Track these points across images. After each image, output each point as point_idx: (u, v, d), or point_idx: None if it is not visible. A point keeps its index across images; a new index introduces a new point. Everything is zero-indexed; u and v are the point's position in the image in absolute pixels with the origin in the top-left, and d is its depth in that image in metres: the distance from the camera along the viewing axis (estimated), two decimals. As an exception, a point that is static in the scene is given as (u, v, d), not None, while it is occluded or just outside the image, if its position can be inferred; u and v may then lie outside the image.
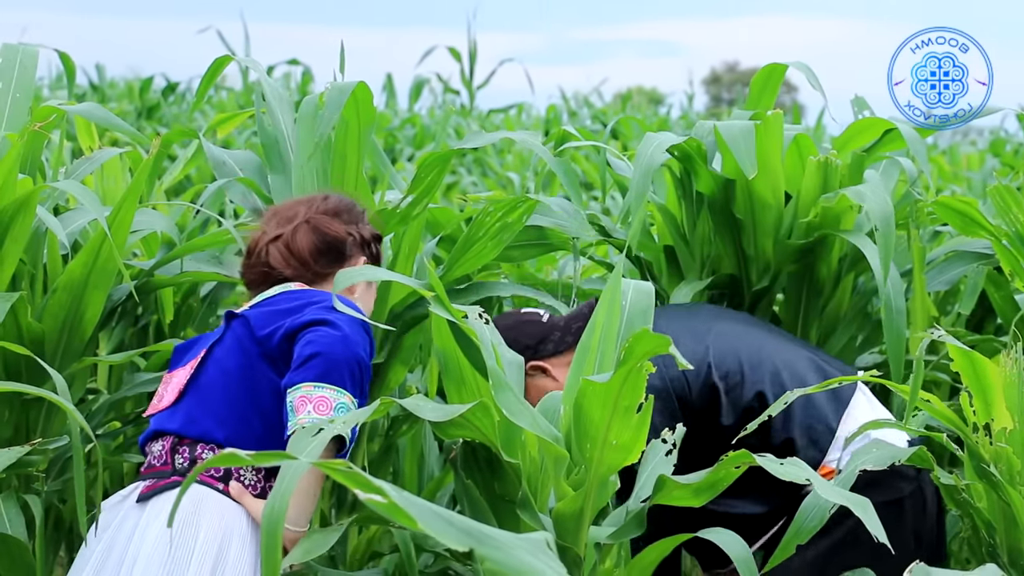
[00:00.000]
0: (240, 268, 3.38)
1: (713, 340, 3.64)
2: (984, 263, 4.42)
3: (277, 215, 3.38)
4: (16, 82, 3.66)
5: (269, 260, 3.29)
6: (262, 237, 3.32)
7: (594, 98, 20.09)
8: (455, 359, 3.01)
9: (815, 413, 3.54)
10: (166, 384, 3.12)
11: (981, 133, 18.84)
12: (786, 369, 3.57)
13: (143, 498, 2.94)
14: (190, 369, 3.07)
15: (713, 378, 3.56)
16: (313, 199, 3.40)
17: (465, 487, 2.96)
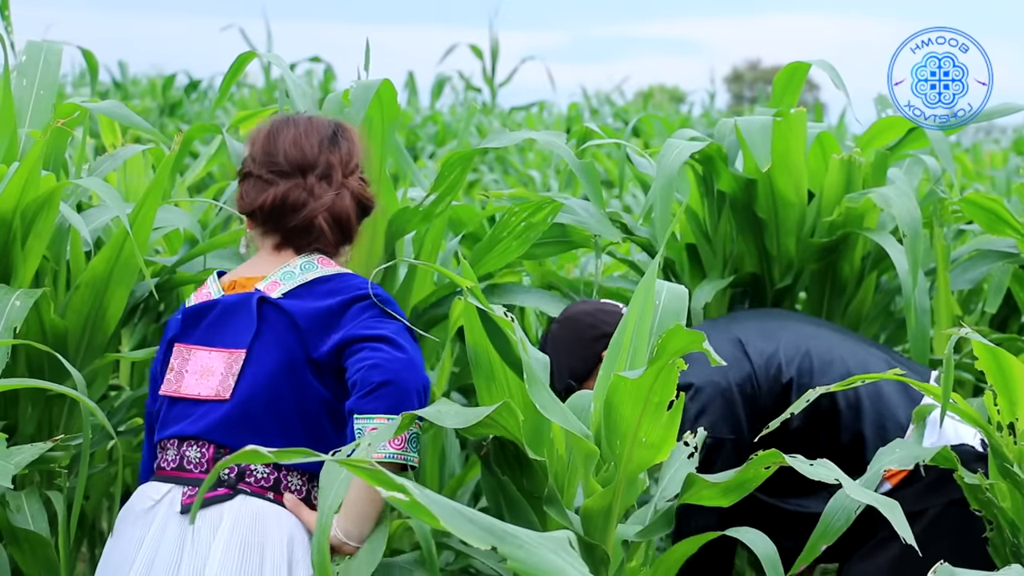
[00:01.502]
0: (259, 206, 3.01)
1: (784, 340, 3.65)
2: (1009, 261, 4.39)
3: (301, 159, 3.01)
4: (40, 79, 3.67)
5: (318, 229, 3.01)
6: (308, 195, 2.98)
7: (616, 96, 20.10)
8: (486, 354, 3.00)
9: (886, 411, 3.53)
10: (185, 360, 2.96)
11: (1004, 131, 18.79)
12: (858, 369, 3.55)
13: (185, 508, 2.85)
14: (227, 360, 2.92)
15: (784, 378, 3.55)
16: (323, 138, 3.04)
17: (500, 483, 2.96)
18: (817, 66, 4.25)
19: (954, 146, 9.84)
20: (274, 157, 3.00)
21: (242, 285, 3.00)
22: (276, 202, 2.97)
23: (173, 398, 2.95)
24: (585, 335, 3.67)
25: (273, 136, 3.02)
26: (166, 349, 3.04)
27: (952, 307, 4.43)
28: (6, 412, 3.42)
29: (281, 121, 3.07)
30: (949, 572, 2.27)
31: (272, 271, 2.99)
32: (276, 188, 2.97)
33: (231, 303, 2.98)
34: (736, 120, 4.06)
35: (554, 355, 3.71)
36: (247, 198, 3.03)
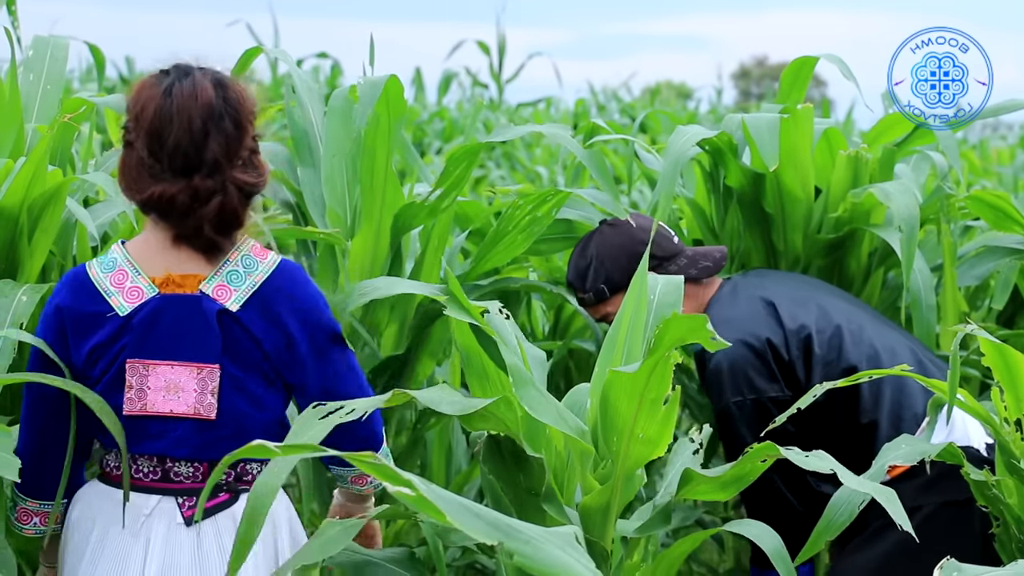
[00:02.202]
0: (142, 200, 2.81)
1: (816, 309, 3.66)
2: (1016, 258, 4.39)
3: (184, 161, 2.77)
4: (46, 74, 3.67)
5: (206, 238, 2.82)
6: (191, 200, 2.77)
7: (622, 92, 20.08)
8: (477, 355, 3.00)
9: (905, 400, 3.53)
10: (143, 376, 2.81)
11: (1011, 127, 18.77)
12: (885, 353, 3.57)
13: (188, 519, 2.81)
14: (197, 376, 2.81)
15: (813, 345, 3.56)
16: (206, 123, 2.78)
17: (490, 482, 2.95)
18: (825, 59, 4.25)
19: (961, 142, 9.83)
20: (157, 150, 2.78)
21: (178, 283, 2.84)
22: (163, 202, 2.78)
23: (138, 416, 2.83)
24: (636, 249, 3.65)
25: (156, 126, 2.78)
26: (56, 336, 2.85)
27: (959, 303, 4.43)
28: (13, 407, 3.41)
29: (164, 103, 2.79)
30: (955, 568, 2.27)
31: (210, 267, 2.85)
32: (161, 186, 2.77)
33: (177, 307, 2.83)
34: (743, 117, 4.05)
35: (596, 255, 3.73)
36: (134, 182, 2.82)
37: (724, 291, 3.79)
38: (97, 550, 2.84)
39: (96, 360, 2.83)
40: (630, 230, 3.76)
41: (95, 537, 2.85)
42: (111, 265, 2.86)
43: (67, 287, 2.87)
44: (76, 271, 2.89)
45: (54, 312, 2.86)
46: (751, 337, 3.56)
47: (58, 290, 2.89)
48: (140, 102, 2.83)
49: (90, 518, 2.87)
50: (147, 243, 2.87)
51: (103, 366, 2.83)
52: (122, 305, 2.82)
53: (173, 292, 2.83)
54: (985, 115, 4.18)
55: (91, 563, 2.83)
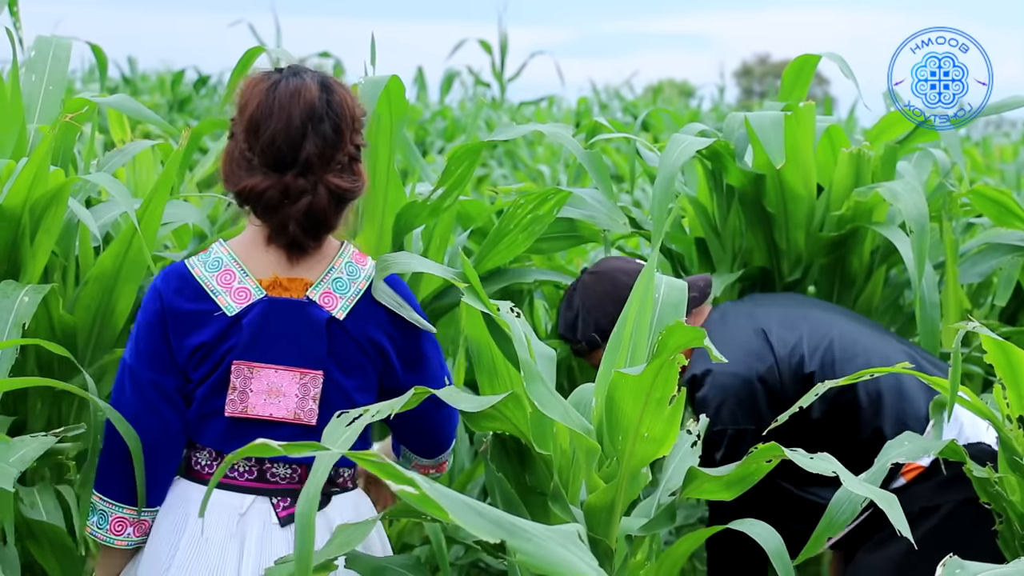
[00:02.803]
0: (237, 191, 2.84)
1: (807, 329, 3.65)
2: (1019, 255, 4.39)
3: (278, 156, 2.79)
4: (49, 74, 3.67)
5: (291, 234, 2.83)
6: (282, 197, 2.79)
7: (625, 91, 20.10)
8: (488, 350, 3.00)
9: (907, 407, 3.53)
10: (247, 378, 2.82)
11: (1014, 125, 18.76)
12: (880, 361, 3.56)
13: (283, 520, 2.83)
14: (300, 381, 2.83)
15: (806, 369, 3.56)
16: (305, 124, 2.81)
17: (496, 480, 2.96)
18: (827, 58, 4.25)
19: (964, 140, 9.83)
20: (255, 143, 2.81)
21: (285, 287, 2.86)
22: (253, 195, 2.80)
23: (238, 419, 2.84)
24: (620, 294, 3.65)
25: (257, 119, 2.81)
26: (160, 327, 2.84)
27: (961, 300, 4.42)
28: (16, 408, 3.42)
29: (267, 99, 2.82)
30: (958, 565, 2.27)
31: (315, 272, 2.87)
32: (253, 179, 2.80)
33: (284, 311, 2.85)
34: (746, 115, 4.05)
35: (582, 305, 3.75)
36: (232, 173, 2.86)
37: (712, 319, 3.78)
38: (192, 548, 2.82)
39: (201, 360, 2.83)
40: (613, 276, 3.76)
41: (189, 535, 2.83)
42: (217, 264, 2.87)
43: (168, 284, 2.86)
44: (176, 269, 2.88)
45: (157, 307, 2.85)
46: (741, 368, 3.57)
47: (155, 286, 2.88)
48: (246, 96, 2.86)
49: (182, 516, 2.86)
50: (252, 244, 2.89)
51: (208, 367, 2.84)
52: (229, 305, 2.83)
53: (280, 295, 2.85)
54: (987, 112, 4.18)
55: (186, 560, 2.81)
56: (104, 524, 2.89)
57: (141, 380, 2.85)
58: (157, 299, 2.85)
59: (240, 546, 2.80)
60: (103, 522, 2.89)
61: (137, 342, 2.87)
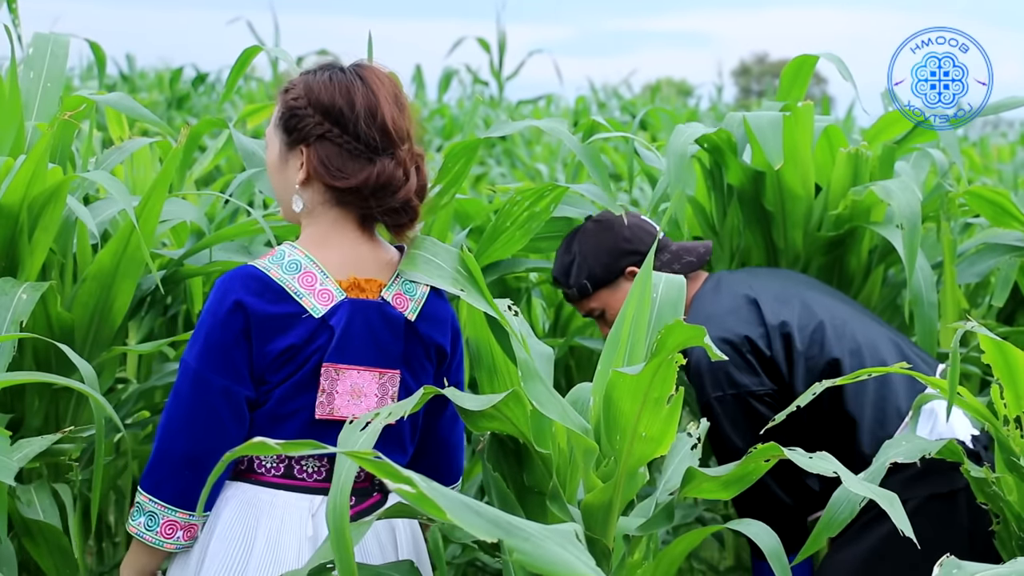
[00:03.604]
0: (360, 182, 2.81)
1: (799, 305, 3.67)
2: (1016, 255, 4.39)
3: (393, 130, 2.82)
4: (47, 71, 3.67)
5: (413, 209, 2.87)
6: (403, 172, 2.82)
7: (623, 89, 20.08)
8: (488, 349, 3.00)
9: (888, 395, 3.54)
10: (334, 380, 2.81)
11: (1012, 125, 18.76)
12: (867, 347, 3.58)
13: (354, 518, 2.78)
14: (379, 381, 2.84)
15: (794, 341, 3.57)
16: (397, 101, 2.86)
17: (493, 479, 2.96)
18: (825, 58, 4.25)
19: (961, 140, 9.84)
20: (363, 129, 2.79)
21: (362, 288, 2.85)
22: (382, 181, 2.79)
23: (326, 420, 2.82)
24: (618, 246, 3.71)
25: (358, 101, 2.81)
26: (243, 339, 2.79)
27: (959, 300, 4.43)
28: (13, 405, 3.42)
29: (352, 81, 2.83)
30: (955, 565, 2.27)
31: (387, 274, 2.88)
32: (374, 166, 2.79)
33: (364, 312, 2.84)
34: (745, 115, 4.05)
35: (579, 251, 3.76)
36: (332, 170, 2.81)
37: (707, 287, 3.81)
38: (268, 552, 2.79)
39: (285, 362, 2.80)
40: (613, 226, 3.79)
41: (263, 538, 2.80)
42: (294, 267, 2.83)
43: (245, 287, 2.80)
44: (249, 272, 2.81)
45: (234, 310, 2.78)
46: (730, 333, 3.58)
47: (228, 292, 2.79)
48: (322, 93, 2.83)
49: (252, 520, 2.82)
50: (325, 244, 2.87)
51: (291, 369, 2.80)
52: (315, 307, 2.80)
53: (358, 296, 2.84)
54: (986, 112, 4.19)
55: (263, 564, 2.78)
56: (154, 526, 2.81)
57: (209, 386, 2.78)
58: (236, 303, 2.78)
59: (314, 547, 2.79)
60: (152, 524, 2.81)
61: (208, 347, 2.78)
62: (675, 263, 3.76)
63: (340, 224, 2.87)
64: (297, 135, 2.84)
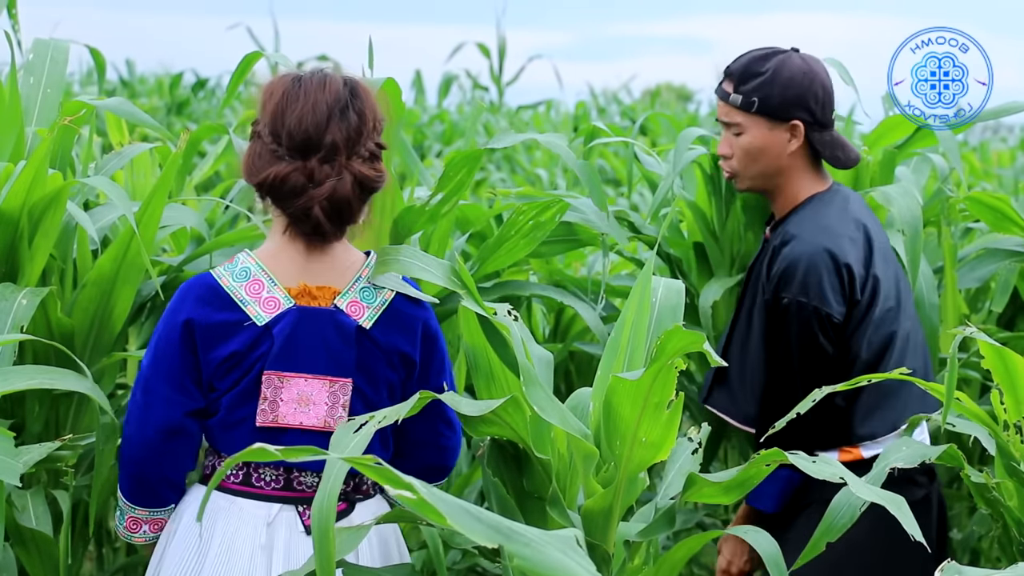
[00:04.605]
0: (259, 181, 2.84)
1: (893, 273, 3.60)
2: (1016, 260, 4.39)
3: (305, 139, 2.80)
4: (47, 77, 3.67)
5: (315, 218, 2.83)
6: (307, 180, 2.80)
7: (623, 94, 20.09)
8: (485, 355, 3.00)
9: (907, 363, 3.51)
10: (278, 388, 2.83)
11: (1012, 130, 18.76)
12: (917, 333, 3.59)
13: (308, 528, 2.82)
14: (329, 389, 2.85)
15: (876, 305, 3.50)
16: (331, 112, 2.83)
17: (493, 484, 2.96)
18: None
19: (961, 145, 9.83)
20: (280, 131, 2.82)
21: (313, 295, 2.86)
22: (276, 182, 2.81)
23: (268, 428, 2.83)
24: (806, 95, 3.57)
25: (282, 107, 2.83)
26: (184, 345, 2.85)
27: (959, 305, 4.43)
28: (13, 411, 3.41)
29: (292, 88, 2.86)
30: (956, 571, 2.26)
31: (343, 281, 2.89)
32: (278, 167, 2.80)
33: (313, 320, 2.85)
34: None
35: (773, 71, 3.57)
36: (254, 166, 2.85)
37: (837, 197, 3.65)
38: (221, 559, 2.82)
39: (230, 369, 2.83)
40: (815, 77, 3.60)
41: (217, 546, 2.83)
42: (244, 274, 2.86)
43: (195, 297, 2.86)
44: (202, 280, 2.88)
45: (182, 326, 2.84)
46: (841, 253, 3.46)
47: (182, 301, 2.87)
48: (269, 91, 2.89)
49: (208, 526, 2.85)
50: (280, 253, 2.89)
51: (236, 376, 2.84)
52: (259, 315, 2.83)
53: (308, 304, 2.85)
54: (985, 117, 4.18)
55: (215, 571, 2.82)
56: (121, 521, 2.97)
57: (155, 393, 2.86)
58: (184, 314, 2.85)
59: (268, 556, 2.81)
60: (121, 519, 2.98)
61: (156, 355, 2.87)
62: (827, 148, 3.61)
63: (292, 231, 2.88)
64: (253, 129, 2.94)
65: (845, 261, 3.46)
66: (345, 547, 2.51)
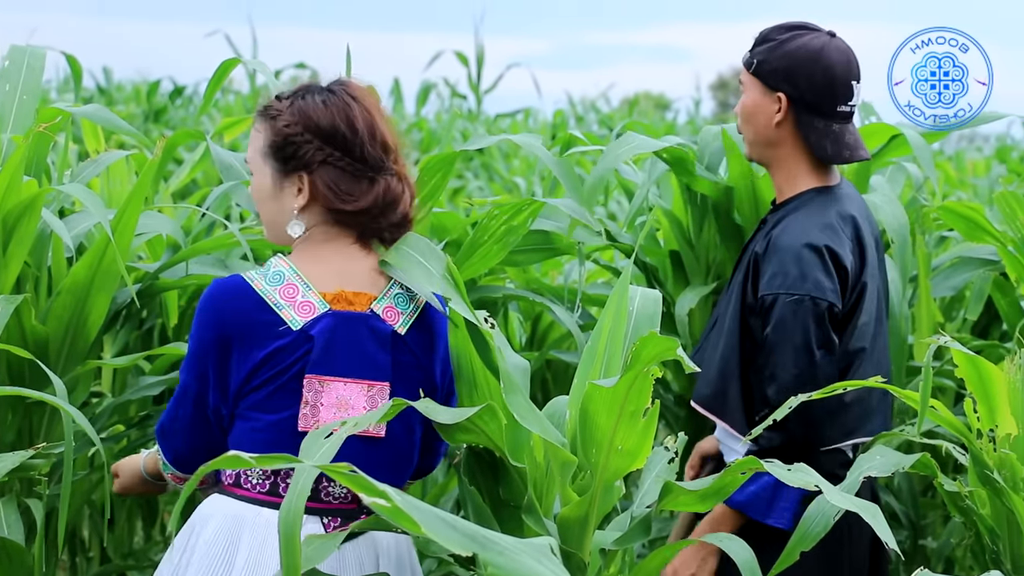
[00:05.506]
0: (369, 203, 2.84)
1: (877, 294, 3.56)
2: (990, 269, 4.41)
3: (384, 144, 2.86)
4: (23, 84, 3.66)
5: (410, 222, 2.92)
6: (402, 185, 2.87)
7: (601, 103, 20.14)
8: (468, 361, 3.00)
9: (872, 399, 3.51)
10: (318, 392, 2.80)
11: (987, 139, 18.87)
12: (884, 352, 3.56)
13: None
14: (367, 394, 2.83)
15: (858, 315, 3.46)
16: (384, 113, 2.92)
17: (469, 492, 2.95)
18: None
19: (937, 154, 9.88)
20: (352, 147, 2.82)
21: (349, 300, 2.84)
22: (389, 198, 2.84)
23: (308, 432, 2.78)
24: (818, 66, 3.49)
25: (355, 123, 2.83)
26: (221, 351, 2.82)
27: (934, 314, 4.44)
28: (3, 415, 3.41)
29: (348, 103, 2.86)
30: None
31: (378, 288, 2.87)
32: (378, 185, 2.83)
33: (350, 325, 2.83)
34: (724, 127, 4.06)
35: (785, 42, 3.52)
36: (343, 192, 2.82)
37: (844, 192, 3.59)
38: (249, 571, 2.77)
39: (264, 373, 2.80)
40: (829, 56, 3.50)
41: (244, 557, 2.78)
42: (278, 278, 2.83)
43: (229, 300, 2.83)
44: (233, 283, 2.84)
45: (217, 325, 2.82)
46: (841, 252, 3.41)
47: (215, 303, 2.84)
48: (320, 117, 2.86)
49: (234, 538, 2.81)
50: (316, 258, 2.87)
51: (269, 379, 2.80)
52: (295, 319, 2.80)
53: (344, 309, 2.83)
54: (976, 122, 4.20)
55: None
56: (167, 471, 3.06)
57: (189, 393, 2.89)
58: (213, 313, 2.83)
59: None
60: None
61: (192, 356, 2.87)
62: (813, 134, 3.52)
63: (334, 240, 2.87)
64: (296, 162, 2.84)
65: (839, 257, 3.40)
66: (317, 556, 2.50)
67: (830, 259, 3.39)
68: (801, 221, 3.45)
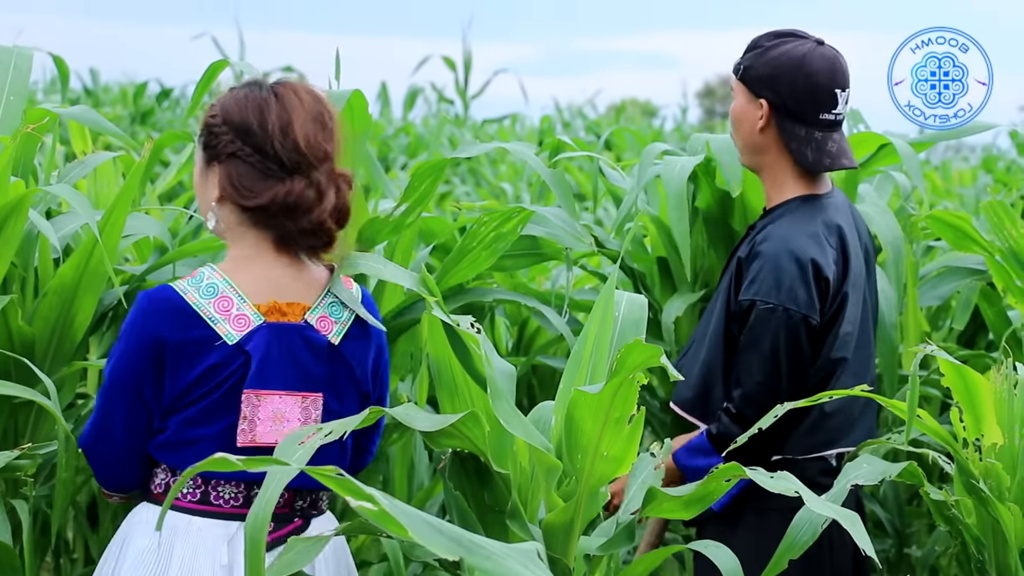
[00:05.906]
0: (266, 202, 2.78)
1: (862, 306, 3.55)
2: (977, 278, 4.42)
3: (309, 152, 2.79)
4: (10, 85, 3.64)
5: (327, 232, 2.85)
6: (316, 194, 2.79)
7: (588, 109, 20.16)
8: (448, 367, 3.00)
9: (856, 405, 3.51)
10: (255, 407, 2.78)
11: (973, 149, 18.91)
12: (867, 364, 3.55)
13: (270, 545, 2.75)
14: (301, 405, 2.82)
15: (839, 326, 3.45)
16: (322, 123, 2.83)
17: (454, 497, 2.95)
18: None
19: (924, 163, 9.90)
20: (267, 146, 2.77)
21: (282, 311, 2.82)
22: (290, 200, 2.77)
23: (248, 447, 2.78)
24: (801, 72, 3.47)
25: (262, 122, 2.79)
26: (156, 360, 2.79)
27: (920, 323, 4.45)
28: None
29: (266, 98, 2.82)
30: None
31: (311, 296, 2.86)
32: (282, 186, 2.77)
33: (284, 336, 2.82)
34: (708, 138, 4.07)
35: (773, 49, 3.51)
36: (244, 188, 2.79)
37: (832, 200, 3.58)
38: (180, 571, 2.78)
39: (198, 388, 2.78)
40: (812, 64, 3.49)
41: (177, 566, 2.77)
42: (211, 291, 2.80)
43: (163, 315, 2.79)
44: (165, 296, 2.81)
45: (152, 341, 2.78)
46: (823, 262, 3.41)
47: (148, 318, 2.80)
48: (234, 110, 2.83)
49: (167, 548, 2.79)
50: (248, 268, 2.84)
51: (204, 395, 2.78)
52: (230, 333, 2.78)
53: (278, 320, 2.81)
54: (949, 136, 4.21)
55: None
56: None
57: (114, 404, 2.85)
58: (147, 329, 2.79)
59: (230, 573, 2.77)
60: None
61: (119, 367, 2.83)
62: (794, 141, 3.51)
63: (260, 246, 2.85)
64: (211, 152, 2.85)
65: (820, 270, 3.40)
66: (300, 560, 2.49)
67: (811, 269, 3.39)
68: (785, 229, 3.45)
